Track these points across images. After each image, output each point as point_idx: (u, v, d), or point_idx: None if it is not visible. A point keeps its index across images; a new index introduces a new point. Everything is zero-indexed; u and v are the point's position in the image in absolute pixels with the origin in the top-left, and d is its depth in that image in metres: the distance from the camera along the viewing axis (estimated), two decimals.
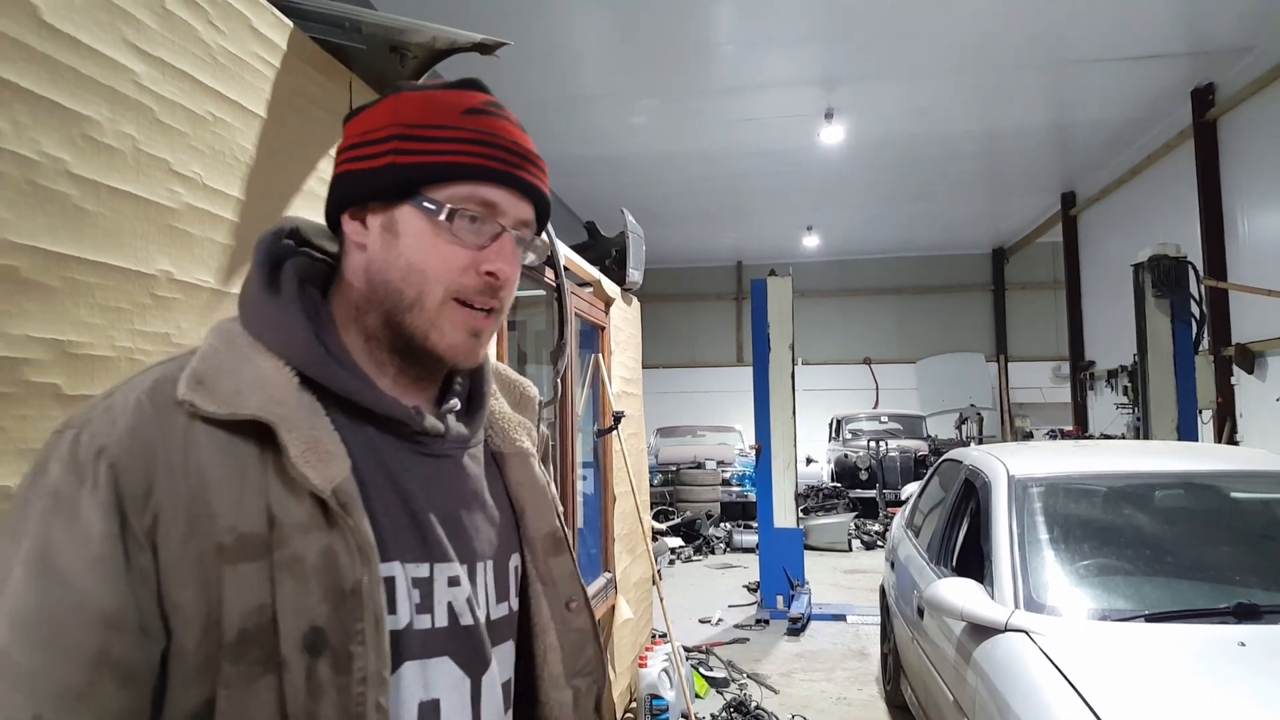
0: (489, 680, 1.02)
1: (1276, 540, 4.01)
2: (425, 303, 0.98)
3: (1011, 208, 17.44)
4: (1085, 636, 3.09)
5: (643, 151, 12.59)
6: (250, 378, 0.92)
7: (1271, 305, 9.07)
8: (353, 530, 0.89)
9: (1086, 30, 9.12)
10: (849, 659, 6.84)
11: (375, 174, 0.98)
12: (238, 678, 0.85)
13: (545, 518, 1.15)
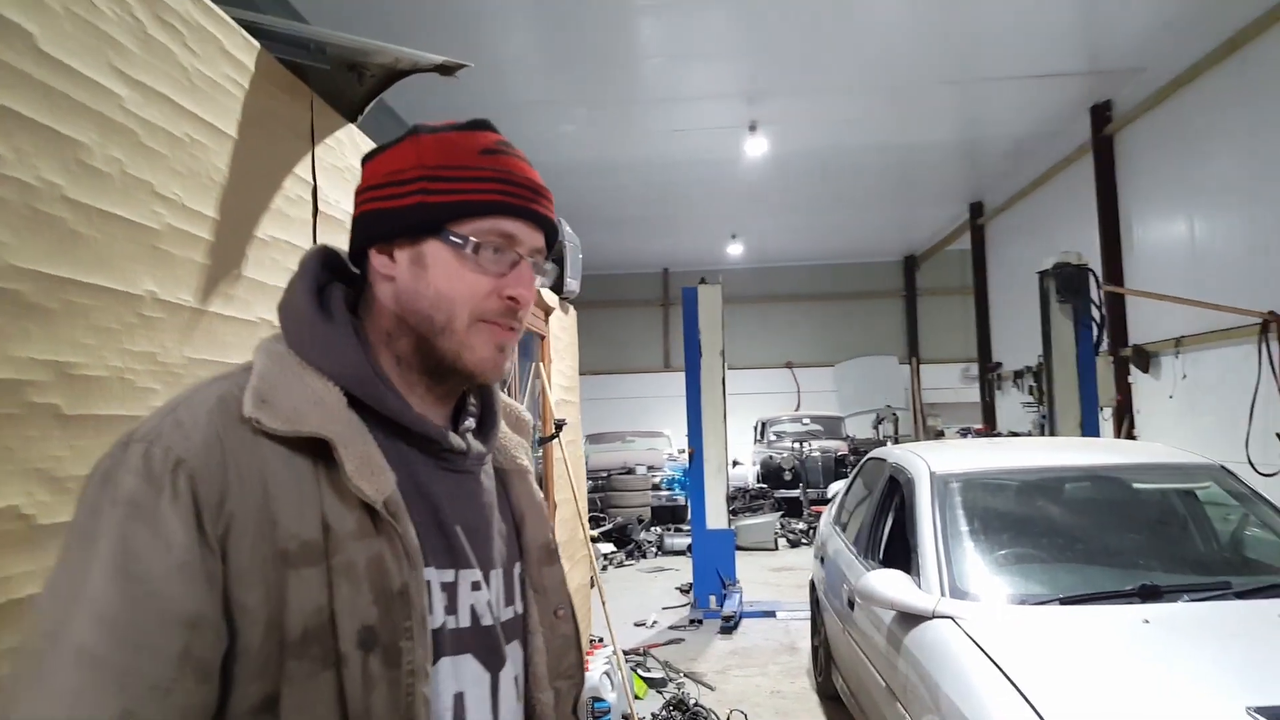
0: (505, 675, 1.13)
1: (1173, 526, 4.33)
2: (454, 326, 1.08)
3: (923, 217, 18.06)
4: (1006, 620, 3.32)
5: (572, 159, 12.69)
6: (306, 397, 1.01)
7: (1164, 308, 9.61)
8: (401, 537, 0.99)
9: (993, 50, 9.56)
10: (781, 654, 7.06)
11: (403, 213, 1.08)
12: (301, 673, 0.93)
13: (541, 530, 1.26)
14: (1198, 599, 3.42)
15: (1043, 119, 11.82)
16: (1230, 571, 4.00)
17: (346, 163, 2.80)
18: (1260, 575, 3.82)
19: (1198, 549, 4.22)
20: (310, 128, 2.55)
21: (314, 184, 2.57)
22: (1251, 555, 4.19)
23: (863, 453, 6.49)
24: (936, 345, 21.59)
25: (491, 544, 1.16)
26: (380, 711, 0.95)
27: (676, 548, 11.90)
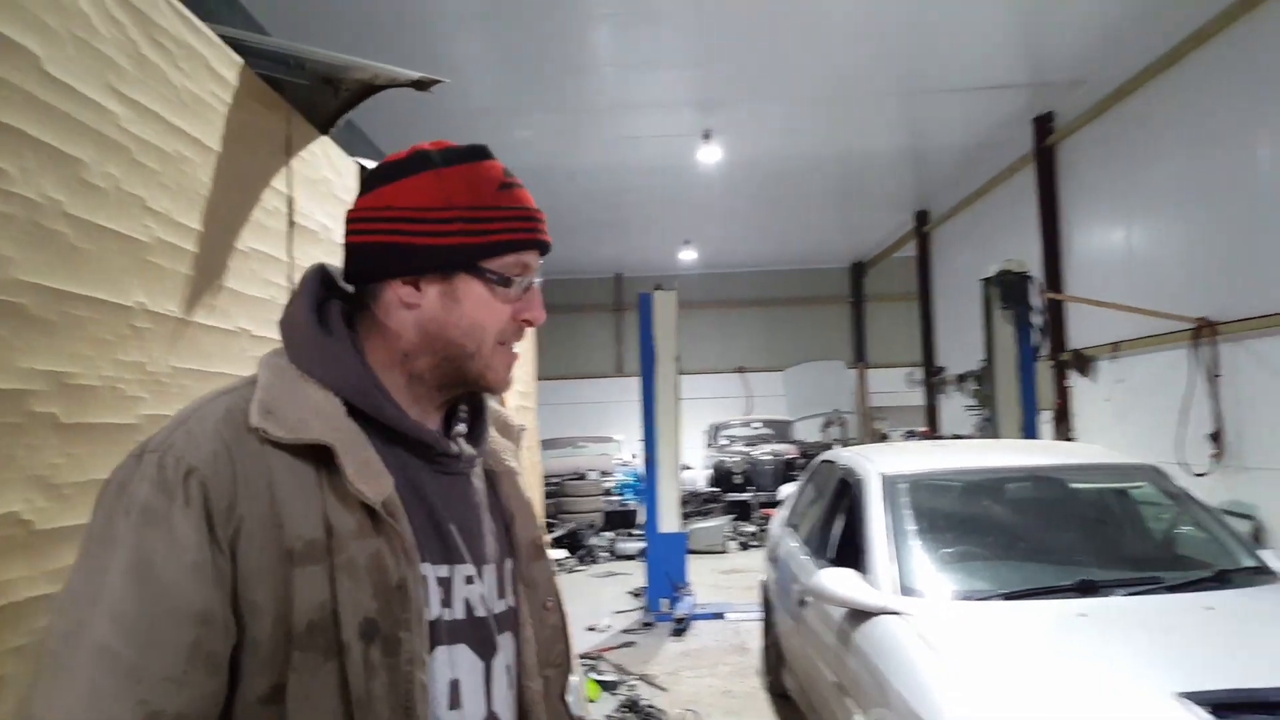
0: (498, 664, 1.21)
1: (1110, 525, 4.54)
2: (483, 351, 1.19)
3: (870, 224, 18.40)
4: (951, 615, 3.48)
5: (527, 165, 12.68)
6: (308, 407, 1.09)
7: (1101, 314, 9.94)
8: (399, 536, 1.07)
9: (940, 62, 9.83)
10: (731, 654, 7.19)
11: (443, 251, 1.15)
12: (306, 664, 1.01)
13: (529, 528, 1.34)
14: (1132, 593, 3.61)
15: (987, 129, 12.15)
16: (1162, 567, 4.21)
17: (320, 175, 2.87)
18: (1190, 570, 4.03)
19: (1132, 546, 4.44)
20: (287, 141, 2.61)
21: (290, 196, 2.64)
22: (1182, 552, 4.42)
23: (812, 456, 6.69)
24: (883, 350, 21.99)
25: (484, 541, 1.24)
26: (381, 697, 1.03)
27: (628, 552, 12.00)
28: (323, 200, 2.84)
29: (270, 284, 2.50)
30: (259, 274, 2.44)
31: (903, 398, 20.64)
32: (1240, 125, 7.91)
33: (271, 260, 2.51)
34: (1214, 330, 8.29)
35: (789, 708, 5.58)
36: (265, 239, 2.48)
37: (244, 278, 2.36)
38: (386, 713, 1.03)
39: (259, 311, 2.41)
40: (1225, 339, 8.23)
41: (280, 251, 2.58)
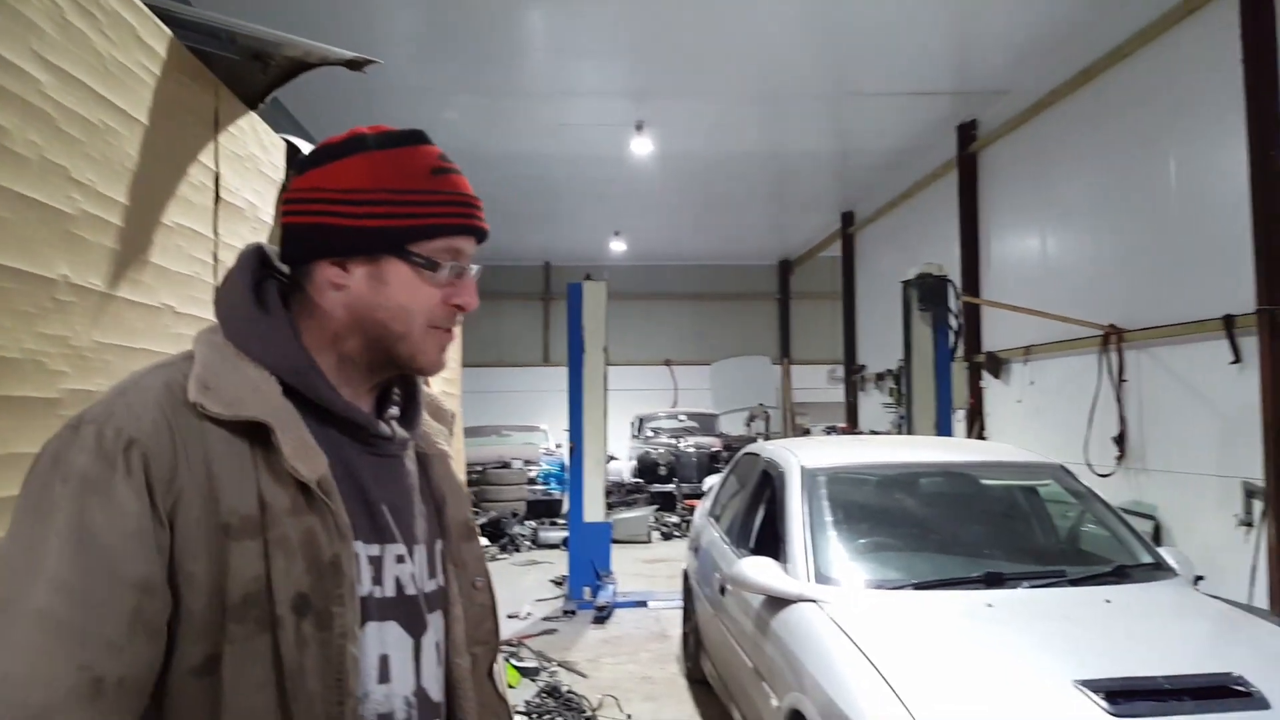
0: (427, 641, 1.23)
1: (1017, 520, 4.73)
2: (412, 333, 1.19)
3: (798, 224, 18.68)
4: (865, 603, 3.60)
5: (453, 147, 12.11)
6: (244, 385, 1.11)
7: (1016, 319, 10.26)
8: (333, 513, 1.09)
9: (868, 66, 10.03)
10: (652, 641, 7.28)
11: (366, 233, 1.17)
12: (241, 634, 1.03)
13: (461, 509, 1.37)
14: (1036, 585, 3.78)
15: (912, 135, 12.42)
16: (1065, 561, 4.41)
17: (248, 151, 2.83)
18: (1091, 565, 4.22)
19: (1038, 540, 4.62)
20: (214, 115, 2.58)
21: (216, 171, 2.60)
22: (1085, 547, 4.62)
23: (736, 449, 6.82)
24: (807, 347, 22.36)
25: (415, 522, 1.26)
26: (313, 669, 1.05)
27: (551, 541, 12.01)
28: (250, 177, 2.80)
29: (195, 260, 2.46)
30: (184, 250, 2.40)
31: (825, 394, 21.02)
32: (1152, 141, 8.24)
33: (197, 236, 2.47)
34: (1121, 337, 8.63)
35: (707, 693, 5.68)
36: (191, 214, 2.44)
37: (169, 253, 2.32)
38: (318, 684, 1.06)
39: (183, 288, 2.37)
40: (1131, 345, 8.57)
41: (206, 228, 2.54)
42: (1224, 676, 2.91)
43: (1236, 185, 7.00)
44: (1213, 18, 7.33)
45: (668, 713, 5.63)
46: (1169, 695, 2.80)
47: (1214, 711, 2.76)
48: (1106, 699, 2.75)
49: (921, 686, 2.89)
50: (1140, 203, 8.47)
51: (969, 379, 11.57)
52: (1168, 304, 8.00)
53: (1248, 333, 6.97)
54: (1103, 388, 8.81)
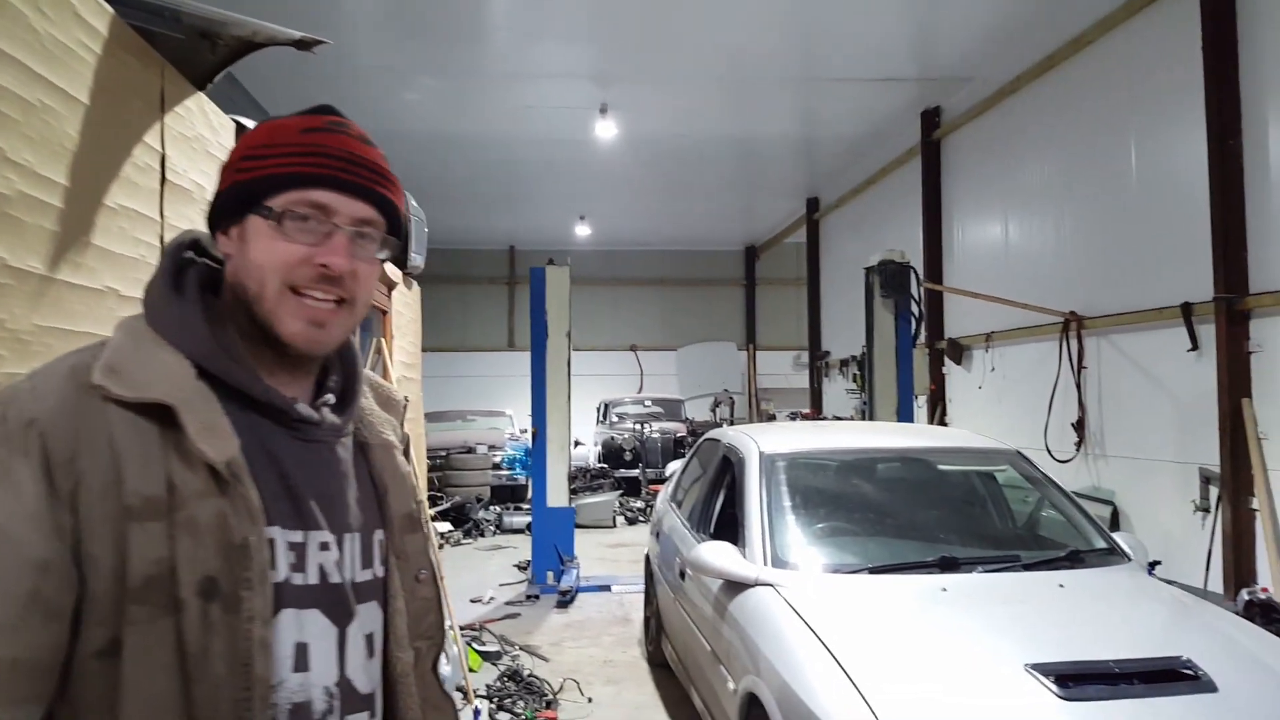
0: (353, 631, 1.21)
1: (973, 505, 4.78)
2: (265, 293, 1.15)
3: (764, 209, 18.72)
4: (821, 587, 3.63)
5: (417, 129, 12.47)
6: (156, 368, 1.10)
7: (977, 305, 10.37)
8: (242, 497, 1.08)
9: (833, 52, 10.05)
10: (614, 625, 7.30)
11: (225, 194, 1.19)
12: (143, 617, 1.02)
13: (404, 501, 1.34)
14: (990, 570, 3.82)
15: (877, 121, 12.47)
16: (1020, 546, 4.46)
17: (195, 132, 2.78)
18: (1046, 550, 4.27)
19: (993, 525, 4.68)
20: (160, 95, 2.52)
21: (163, 153, 2.55)
22: (1042, 533, 4.68)
23: (701, 434, 6.84)
24: (772, 333, 22.45)
25: (346, 510, 1.24)
26: (220, 654, 1.04)
27: (515, 526, 12.00)
28: (198, 158, 2.75)
29: (140, 243, 2.42)
30: (128, 232, 2.36)
31: (790, 380, 21.15)
32: (1113, 129, 8.33)
33: (142, 218, 2.43)
34: (1081, 324, 8.74)
35: (668, 676, 5.71)
36: (136, 196, 2.39)
37: (112, 235, 2.28)
38: (224, 669, 1.04)
39: (128, 271, 2.33)
40: (1091, 333, 8.69)
41: (152, 210, 2.49)
42: (1173, 660, 2.95)
43: (1196, 174, 7.10)
44: (1173, 6, 7.41)
45: (628, 696, 5.65)
46: (1119, 679, 2.85)
47: (1162, 695, 2.80)
48: (1057, 682, 2.79)
49: (875, 671, 2.92)
50: (1101, 191, 8.57)
51: (931, 365, 11.68)
52: (1127, 291, 8.11)
53: (1205, 321, 7.09)
54: (1063, 374, 8.93)
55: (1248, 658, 3.06)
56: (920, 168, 12.25)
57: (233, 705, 1.05)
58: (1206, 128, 6.93)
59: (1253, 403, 6.67)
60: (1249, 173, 6.72)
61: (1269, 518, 6.46)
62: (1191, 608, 3.66)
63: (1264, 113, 6.61)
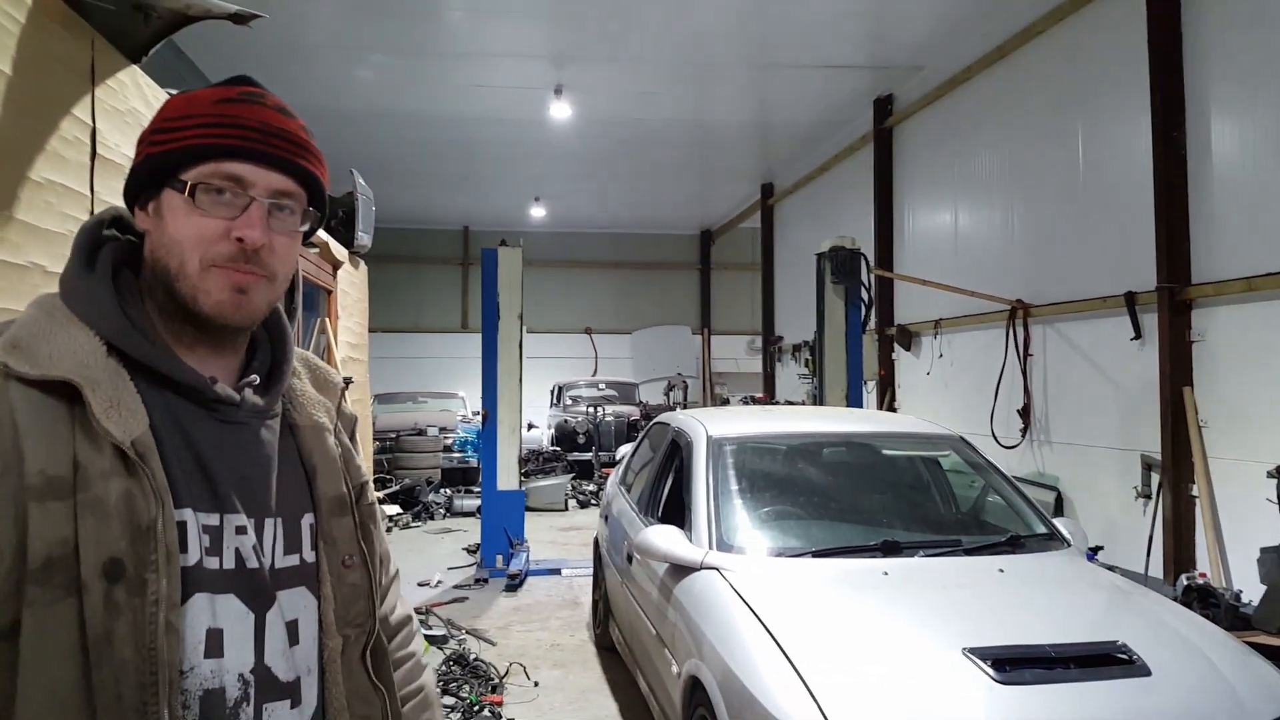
0: (273, 617, 1.17)
1: (917, 490, 4.84)
2: (186, 269, 1.12)
3: (719, 194, 18.76)
4: (765, 570, 3.65)
5: (368, 107, 12.29)
6: (64, 344, 1.07)
7: (927, 292, 10.49)
8: (150, 477, 1.05)
9: (788, 38, 10.05)
10: (563, 609, 7.30)
11: (137, 169, 1.16)
12: (42, 599, 0.99)
13: (333, 484, 1.30)
14: (931, 554, 3.86)
15: (830, 108, 12.53)
16: (962, 531, 4.52)
17: (129, 105, 2.70)
18: (987, 535, 4.32)
19: (936, 510, 4.73)
20: (90, 68, 2.45)
21: (93, 126, 2.48)
22: (984, 518, 4.74)
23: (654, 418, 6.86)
24: (726, 318, 22.54)
25: (268, 493, 1.21)
26: (124, 637, 1.01)
27: (466, 509, 11.93)
28: (131, 132, 2.68)
29: (69, 218, 2.35)
30: (56, 207, 2.29)
31: (744, 364, 21.28)
32: (1061, 120, 8.45)
33: (71, 193, 2.36)
34: (1028, 312, 8.88)
35: (615, 660, 5.72)
36: (64, 171, 2.32)
37: (38, 210, 2.21)
38: (129, 653, 1.01)
39: (55, 247, 2.27)
40: (1037, 320, 8.84)
41: (81, 185, 2.42)
42: (1109, 645, 3.00)
43: (1141, 165, 7.23)
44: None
45: (575, 679, 5.65)
46: (1055, 663, 2.89)
47: (1097, 679, 2.84)
48: (994, 666, 2.82)
49: (815, 655, 2.94)
50: (1049, 180, 8.69)
51: (880, 351, 11.80)
52: (1073, 280, 8.25)
53: (1149, 310, 7.23)
54: (1009, 361, 9.06)
55: (1181, 643, 3.12)
56: (872, 155, 12.34)
57: (138, 690, 1.02)
58: (1151, 119, 7.06)
59: (1194, 391, 6.82)
60: (1192, 164, 6.86)
61: (1208, 504, 6.63)
62: (1129, 593, 3.72)
63: (1207, 105, 6.74)
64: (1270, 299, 6.20)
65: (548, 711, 5.14)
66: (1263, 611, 5.25)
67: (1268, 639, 4.84)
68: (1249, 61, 6.39)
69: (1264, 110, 6.27)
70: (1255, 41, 6.33)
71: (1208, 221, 6.74)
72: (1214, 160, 6.69)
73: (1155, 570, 7.03)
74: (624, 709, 5.13)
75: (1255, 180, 6.35)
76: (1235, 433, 6.51)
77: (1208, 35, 6.74)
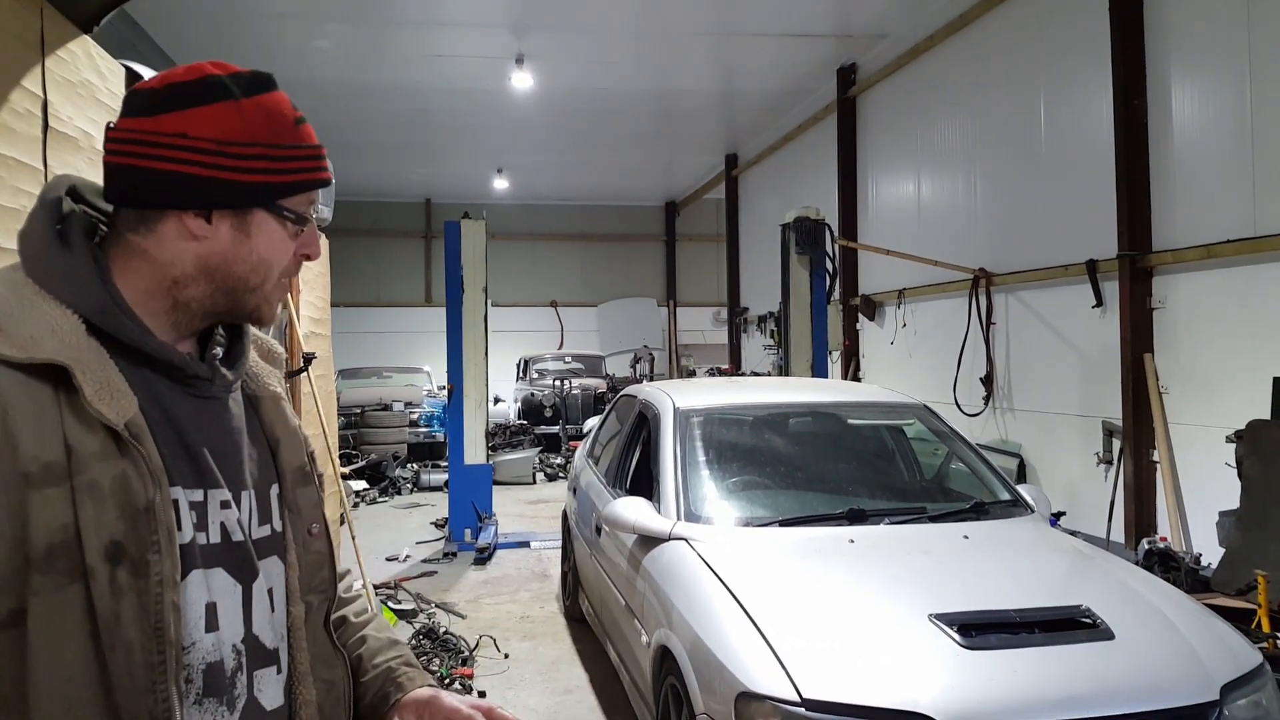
0: (258, 587, 1.20)
1: (881, 458, 4.89)
2: (266, 286, 1.19)
3: (683, 165, 18.71)
4: (732, 540, 3.68)
5: (326, 78, 12.08)
6: (42, 325, 1.04)
7: (889, 263, 10.56)
8: (145, 458, 1.04)
9: (751, 5, 9.99)
10: (532, 581, 7.32)
11: (245, 187, 1.12)
12: (48, 586, 0.98)
13: (296, 453, 1.32)
14: (897, 522, 3.91)
15: (793, 77, 12.50)
16: (927, 499, 4.59)
17: (81, 76, 2.63)
18: (952, 502, 4.38)
19: (902, 478, 4.79)
20: (40, 37, 2.38)
21: (45, 98, 2.41)
22: (948, 485, 4.80)
23: (621, 390, 6.86)
24: (692, 289, 22.57)
25: (242, 466, 1.22)
26: (131, 619, 1.01)
27: (433, 484, 11.90)
28: (84, 104, 2.61)
29: (21, 192, 2.29)
30: (7, 182, 2.23)
31: (710, 336, 21.35)
32: (1023, 89, 8.50)
33: (21, 166, 2.30)
34: (990, 280, 8.97)
35: (584, 631, 5.76)
36: (14, 144, 2.26)
37: None
38: (137, 634, 1.02)
39: (7, 221, 2.21)
40: (1000, 289, 8.93)
41: (33, 158, 2.36)
42: (1073, 609, 3.06)
43: (1103, 133, 7.30)
44: None
45: (545, 651, 5.68)
46: (1020, 628, 2.94)
47: (1062, 643, 2.89)
48: (959, 632, 2.87)
49: (783, 623, 2.98)
50: (1011, 149, 8.75)
51: (845, 321, 11.87)
52: (1035, 249, 8.33)
53: (1109, 277, 7.33)
54: (972, 330, 9.16)
55: (1143, 606, 3.18)
56: (836, 125, 12.34)
57: (147, 670, 1.02)
58: (1113, 89, 7.12)
59: (1154, 358, 6.94)
60: (1153, 132, 6.93)
61: (1169, 469, 6.76)
62: (1091, 558, 3.79)
63: (1167, 74, 6.81)
64: (1229, 265, 6.31)
65: (518, 683, 5.17)
66: (1222, 574, 5.38)
67: (1227, 601, 4.97)
68: (1209, 30, 6.46)
69: (1223, 78, 6.35)
70: (1214, 10, 6.39)
71: (1168, 189, 6.83)
72: (1174, 128, 6.77)
73: (1117, 535, 7.17)
74: (594, 679, 5.17)
75: (1215, 148, 6.44)
76: (1195, 398, 6.64)
77: (1169, 4, 6.79)
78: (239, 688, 1.16)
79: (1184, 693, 2.77)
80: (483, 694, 4.93)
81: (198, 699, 1.10)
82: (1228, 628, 3.18)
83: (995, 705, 2.66)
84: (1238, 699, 2.80)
